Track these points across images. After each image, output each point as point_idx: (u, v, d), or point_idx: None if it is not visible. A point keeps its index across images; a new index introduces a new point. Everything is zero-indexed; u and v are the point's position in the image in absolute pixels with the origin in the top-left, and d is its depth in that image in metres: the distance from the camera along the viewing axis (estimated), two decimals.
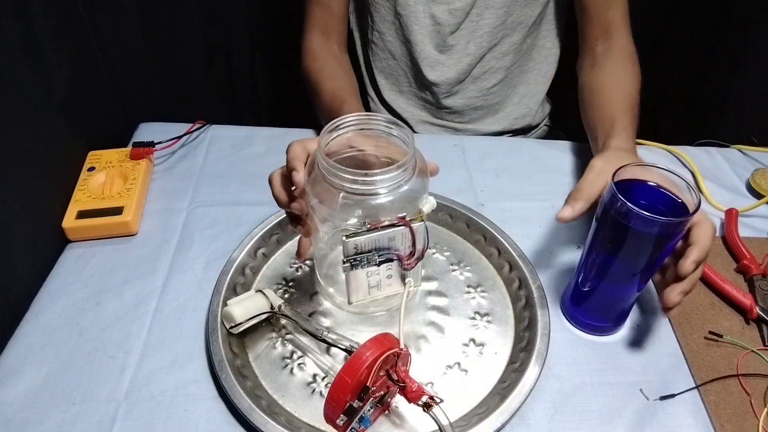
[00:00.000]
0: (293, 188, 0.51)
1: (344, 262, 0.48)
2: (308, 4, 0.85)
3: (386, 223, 0.46)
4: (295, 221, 0.55)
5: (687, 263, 0.48)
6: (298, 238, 0.66)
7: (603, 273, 0.53)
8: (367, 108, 0.96)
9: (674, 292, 0.49)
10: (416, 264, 0.50)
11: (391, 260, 0.48)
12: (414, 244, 0.47)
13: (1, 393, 0.51)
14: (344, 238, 0.46)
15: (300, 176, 0.49)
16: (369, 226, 0.46)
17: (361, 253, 0.48)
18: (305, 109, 0.88)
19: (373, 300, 0.54)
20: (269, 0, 1.03)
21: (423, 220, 0.47)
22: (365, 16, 0.88)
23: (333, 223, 0.50)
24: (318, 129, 0.84)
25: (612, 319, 0.57)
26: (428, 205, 0.48)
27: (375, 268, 0.49)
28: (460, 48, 0.85)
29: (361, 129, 0.50)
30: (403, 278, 0.52)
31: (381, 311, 0.57)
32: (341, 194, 0.46)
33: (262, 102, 1.16)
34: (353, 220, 0.48)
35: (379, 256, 0.48)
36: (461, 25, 0.83)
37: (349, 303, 0.53)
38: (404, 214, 0.47)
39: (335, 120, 0.49)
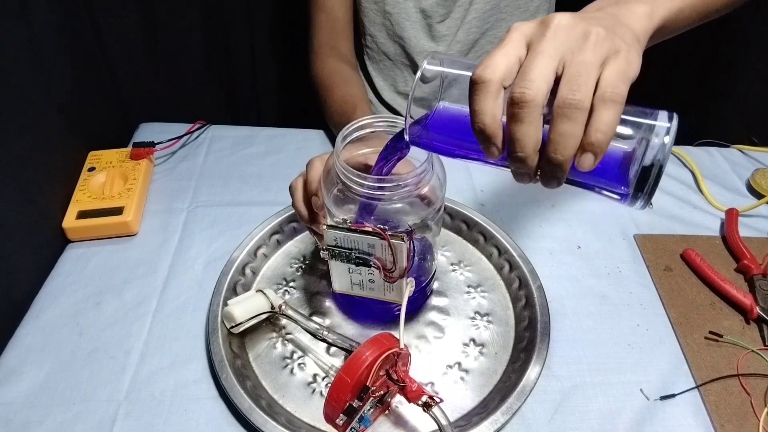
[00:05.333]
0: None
1: (324, 249, 0.49)
2: (312, 10, 0.85)
3: (367, 228, 0.46)
4: (315, 234, 0.54)
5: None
6: (299, 237, 0.67)
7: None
8: None
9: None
10: (397, 280, 0.49)
11: (369, 265, 0.48)
12: (395, 261, 0.47)
13: (1, 393, 0.51)
14: (325, 227, 0.47)
15: (319, 203, 0.50)
16: (350, 225, 0.46)
17: (341, 247, 0.48)
18: (306, 109, 0.88)
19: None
20: (269, 1, 1.03)
21: (404, 240, 0.45)
22: (357, 21, 0.88)
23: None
24: (320, 129, 0.84)
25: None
26: (423, 228, 0.47)
27: (354, 266, 0.49)
28: (449, 36, 0.85)
29: (379, 131, 0.49)
30: (390, 287, 0.51)
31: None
32: (335, 189, 0.46)
33: (262, 102, 1.16)
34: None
35: (356, 257, 0.48)
36: (450, 14, 0.84)
37: (333, 290, 0.54)
38: (386, 227, 0.46)
39: (353, 122, 0.48)
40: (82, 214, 0.66)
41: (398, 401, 0.50)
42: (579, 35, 0.33)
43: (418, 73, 0.37)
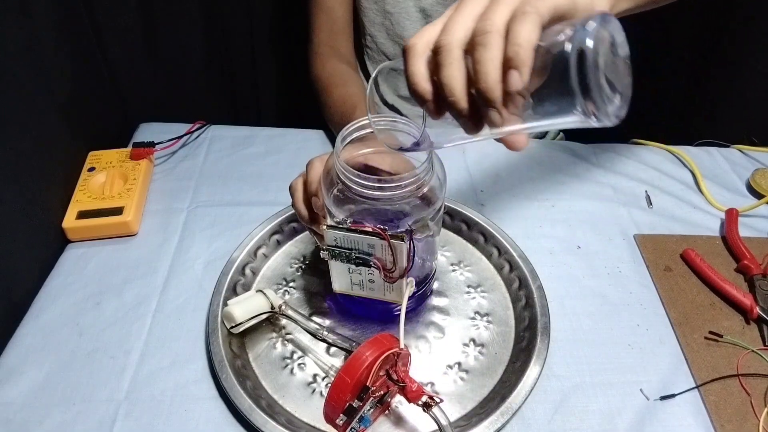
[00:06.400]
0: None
1: (324, 249, 0.49)
2: (312, 11, 0.85)
3: (367, 228, 0.46)
4: (315, 234, 0.54)
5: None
6: (299, 237, 0.67)
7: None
8: None
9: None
10: (397, 280, 0.49)
11: (369, 265, 0.48)
12: (395, 261, 0.47)
13: (1, 393, 0.51)
14: (325, 227, 0.47)
15: (319, 203, 0.49)
16: (350, 225, 0.46)
17: (341, 247, 0.48)
18: (306, 109, 0.88)
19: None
20: (269, 1, 1.03)
21: (404, 240, 0.46)
22: (357, 22, 0.88)
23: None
24: (320, 129, 0.84)
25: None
26: (423, 228, 0.47)
27: (354, 266, 0.49)
28: None
29: (379, 130, 0.49)
30: (391, 287, 0.51)
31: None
32: (335, 189, 0.47)
33: (262, 102, 1.16)
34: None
35: (356, 257, 0.48)
36: None
37: (333, 290, 0.54)
38: (386, 226, 0.46)
39: (353, 123, 0.48)
40: (82, 214, 0.66)
41: (398, 401, 0.50)
42: None
43: (370, 84, 0.41)
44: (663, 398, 0.52)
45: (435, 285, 0.61)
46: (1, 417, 0.49)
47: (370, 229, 0.45)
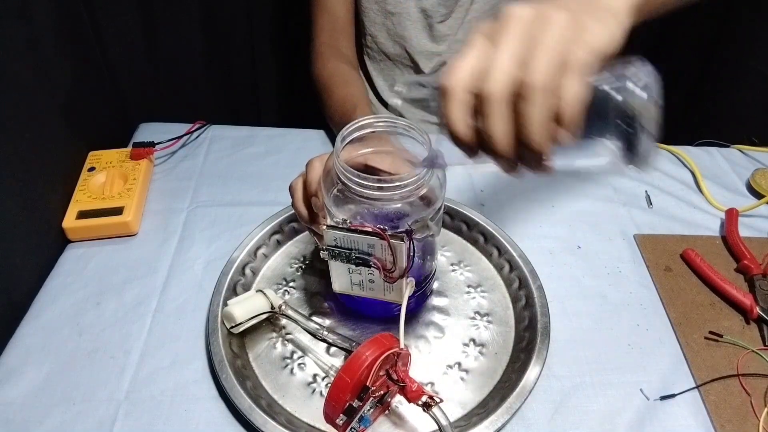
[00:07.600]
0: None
1: (324, 249, 0.49)
2: (314, 11, 0.85)
3: (367, 228, 0.46)
4: (315, 234, 0.54)
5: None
6: (299, 237, 0.67)
7: None
8: None
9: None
10: (397, 280, 0.48)
11: (369, 265, 0.48)
12: (395, 261, 0.47)
13: (1, 393, 0.51)
14: (325, 227, 0.47)
15: (319, 203, 0.49)
16: (350, 225, 0.46)
17: (340, 247, 0.48)
18: (306, 109, 0.88)
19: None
20: (269, 1, 1.04)
21: (404, 240, 0.45)
22: (358, 22, 0.88)
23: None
24: (320, 129, 0.84)
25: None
26: (423, 228, 0.48)
27: (354, 266, 0.49)
28: (450, 36, 0.85)
29: (379, 131, 0.49)
30: (391, 287, 0.51)
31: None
32: (335, 189, 0.47)
33: (262, 102, 1.16)
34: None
35: (356, 257, 0.48)
36: (451, 14, 0.84)
37: (333, 290, 0.54)
38: (386, 226, 0.46)
39: (352, 122, 0.48)
40: (82, 214, 0.66)
41: (398, 401, 0.50)
42: (538, 22, 0.33)
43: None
44: (663, 398, 0.52)
45: (435, 285, 0.61)
46: (1, 417, 0.49)
47: (369, 229, 0.45)
